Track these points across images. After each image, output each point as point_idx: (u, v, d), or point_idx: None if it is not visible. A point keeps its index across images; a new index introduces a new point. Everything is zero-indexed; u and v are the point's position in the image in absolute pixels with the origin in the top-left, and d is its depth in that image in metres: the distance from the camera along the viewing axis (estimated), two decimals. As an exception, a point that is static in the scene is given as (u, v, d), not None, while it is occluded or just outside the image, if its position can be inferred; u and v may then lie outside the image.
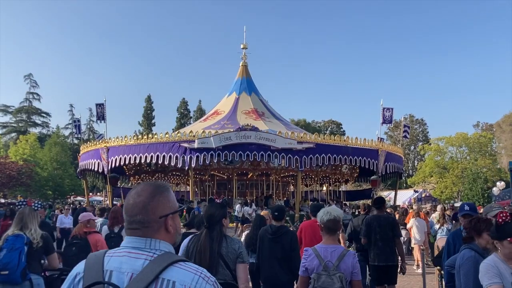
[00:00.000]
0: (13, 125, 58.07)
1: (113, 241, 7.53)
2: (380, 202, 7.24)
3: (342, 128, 70.14)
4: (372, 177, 19.48)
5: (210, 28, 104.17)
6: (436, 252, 8.94)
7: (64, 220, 14.11)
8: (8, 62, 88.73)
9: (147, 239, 1.50)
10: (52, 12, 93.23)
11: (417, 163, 59.95)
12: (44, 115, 59.78)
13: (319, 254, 3.50)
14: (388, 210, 12.09)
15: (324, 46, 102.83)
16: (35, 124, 59.36)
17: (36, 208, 6.18)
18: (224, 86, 26.71)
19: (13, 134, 56.10)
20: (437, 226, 10.37)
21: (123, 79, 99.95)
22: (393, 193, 40.59)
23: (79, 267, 1.53)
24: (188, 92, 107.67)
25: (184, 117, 61.87)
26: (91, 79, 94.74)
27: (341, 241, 7.66)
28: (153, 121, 59.91)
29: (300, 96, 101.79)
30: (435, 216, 11.01)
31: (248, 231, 9.51)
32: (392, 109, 20.91)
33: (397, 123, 53.25)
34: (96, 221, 7.28)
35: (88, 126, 63.58)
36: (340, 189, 27.36)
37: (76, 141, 52.19)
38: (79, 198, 37.61)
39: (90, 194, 41.42)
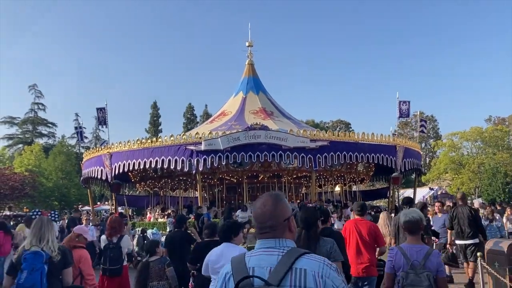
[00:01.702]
0: (19, 136, 57.68)
1: (112, 252, 6.79)
2: (410, 202, 7.52)
3: (351, 127, 68.80)
4: (394, 174, 18.29)
5: (214, 29, 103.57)
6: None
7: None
8: (12, 72, 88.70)
9: (276, 239, 1.86)
10: (54, 20, 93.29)
11: (429, 160, 58.53)
12: (50, 125, 59.39)
13: (405, 253, 3.72)
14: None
15: (331, 44, 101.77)
16: (41, 135, 58.95)
17: (53, 218, 5.80)
18: (230, 89, 25.62)
19: (19, 146, 55.72)
20: (485, 223, 9.48)
21: (128, 86, 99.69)
22: (408, 191, 39.46)
23: (227, 267, 1.91)
24: (194, 96, 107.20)
25: (190, 122, 61.24)
26: (96, 88, 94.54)
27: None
28: (160, 128, 59.41)
29: (307, 95, 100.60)
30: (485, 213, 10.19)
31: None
32: (409, 102, 19.78)
33: (406, 121, 52.15)
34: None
35: (95, 135, 63.07)
36: (352, 189, 26.19)
37: (82, 150, 51.67)
38: (86, 207, 36.82)
39: (98, 203, 40.67)
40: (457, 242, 8.87)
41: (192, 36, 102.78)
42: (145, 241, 11.12)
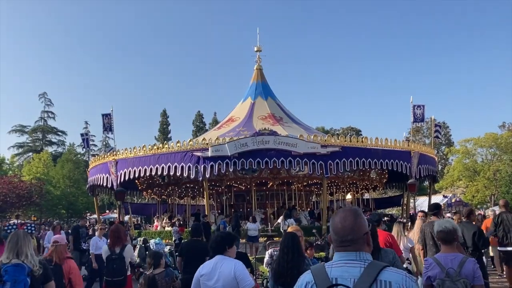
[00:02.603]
0: (29, 144, 57.84)
1: (115, 263, 6.48)
2: (437, 208, 7.36)
3: (361, 134, 67.99)
4: (410, 181, 17.55)
5: (222, 35, 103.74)
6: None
7: (100, 244, 10.22)
8: (22, 81, 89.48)
9: (357, 252, 1.96)
10: (64, 27, 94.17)
11: (441, 167, 57.42)
12: (60, 133, 59.51)
13: (440, 262, 3.78)
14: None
15: (341, 50, 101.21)
16: (51, 143, 59.09)
17: (29, 231, 5.76)
18: (239, 96, 25.17)
19: (29, 154, 55.83)
20: None
21: (138, 94, 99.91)
22: (421, 198, 38.49)
23: (307, 276, 2.02)
24: (203, 104, 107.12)
25: (200, 130, 61.13)
26: (106, 96, 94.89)
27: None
28: (169, 135, 59.38)
29: (317, 102, 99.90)
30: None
31: (272, 251, 7.83)
32: (423, 106, 19.05)
33: (418, 127, 51.29)
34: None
35: (104, 143, 63.10)
36: (363, 197, 25.44)
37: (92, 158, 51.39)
38: (94, 216, 36.50)
39: (107, 211, 40.34)
40: (500, 248, 8.93)
41: (200, 42, 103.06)
42: (147, 252, 10.57)
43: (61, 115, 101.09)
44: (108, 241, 6.95)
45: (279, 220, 15.75)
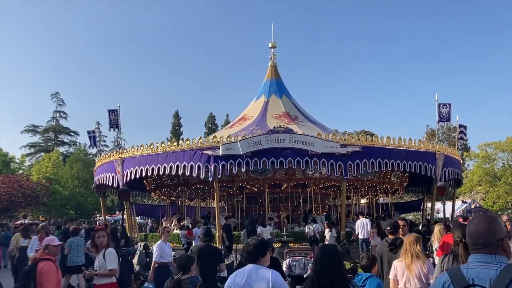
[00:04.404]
0: (41, 145, 57.61)
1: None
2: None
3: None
4: (439, 184, 16.32)
5: (235, 34, 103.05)
6: None
7: (167, 250, 8.56)
8: (35, 81, 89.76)
9: (491, 255, 2.06)
10: (77, 27, 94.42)
11: (459, 172, 55.74)
12: (72, 133, 59.12)
13: None
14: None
15: (354, 48, 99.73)
16: (63, 143, 58.73)
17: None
18: (252, 96, 24.15)
19: (41, 154, 55.53)
20: None
21: (150, 95, 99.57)
22: (439, 204, 37.05)
23: (444, 276, 2.16)
24: (216, 106, 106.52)
25: (212, 132, 60.42)
26: (118, 96, 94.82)
27: None
28: (181, 137, 58.79)
29: (329, 104, 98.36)
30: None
31: (290, 261, 7.06)
32: (449, 104, 17.84)
33: (433, 131, 50.06)
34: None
35: (116, 143, 62.72)
36: (379, 202, 24.20)
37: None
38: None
39: (117, 212, 39.65)
40: None
41: (213, 43, 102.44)
42: (149, 257, 9.58)
43: (73, 116, 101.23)
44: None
45: (307, 229, 14.62)
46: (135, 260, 9.30)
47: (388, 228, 6.02)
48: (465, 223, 7.33)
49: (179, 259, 5.35)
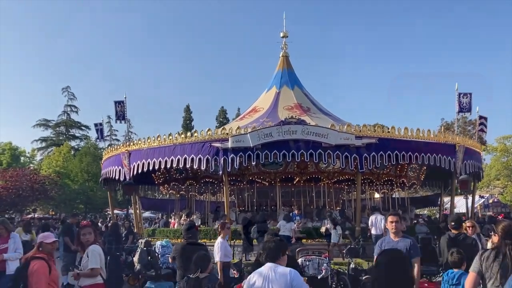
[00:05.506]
0: (52, 139, 57.64)
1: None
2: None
3: (389, 132, 65.35)
4: (462, 177, 15.52)
5: (246, 25, 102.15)
6: None
7: (229, 248, 8.30)
8: (48, 74, 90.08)
9: None
10: (86, 23, 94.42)
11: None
12: (84, 128, 59.04)
13: None
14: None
15: (366, 41, 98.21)
16: (74, 137, 58.69)
17: None
18: (263, 88, 23.41)
19: (52, 148, 55.55)
20: None
21: (161, 89, 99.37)
22: (457, 198, 36.03)
23: None
24: (227, 100, 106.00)
25: (223, 126, 60.02)
26: (129, 90, 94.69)
27: None
28: (192, 131, 58.34)
29: (342, 98, 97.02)
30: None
31: (303, 260, 6.58)
32: (470, 94, 16.98)
33: (448, 125, 48.99)
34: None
35: (127, 138, 62.50)
36: (393, 196, 23.34)
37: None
38: (115, 211, 35.46)
39: (129, 207, 39.38)
40: None
41: (224, 36, 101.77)
42: (155, 256, 9.00)
43: (84, 110, 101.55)
44: None
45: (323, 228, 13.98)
46: (135, 258, 8.73)
47: (452, 223, 6.38)
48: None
49: (197, 258, 5.05)
